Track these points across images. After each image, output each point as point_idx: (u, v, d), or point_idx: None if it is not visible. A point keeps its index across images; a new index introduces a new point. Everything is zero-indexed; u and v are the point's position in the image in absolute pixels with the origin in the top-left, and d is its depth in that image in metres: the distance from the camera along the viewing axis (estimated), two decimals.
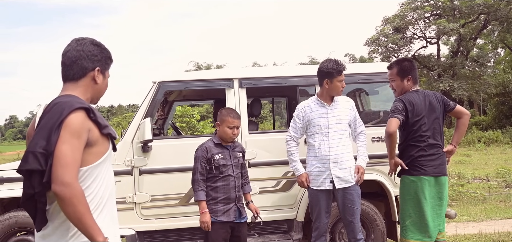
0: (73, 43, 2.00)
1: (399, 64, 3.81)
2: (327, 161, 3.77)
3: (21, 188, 1.84)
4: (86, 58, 1.97)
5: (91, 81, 2.00)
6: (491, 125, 28.43)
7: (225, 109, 3.60)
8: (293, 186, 4.38)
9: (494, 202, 7.99)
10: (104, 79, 2.06)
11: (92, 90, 2.02)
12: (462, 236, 5.64)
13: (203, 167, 3.45)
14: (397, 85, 3.81)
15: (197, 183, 3.45)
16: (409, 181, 3.65)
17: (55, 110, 1.80)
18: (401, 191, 3.75)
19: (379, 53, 30.35)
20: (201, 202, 3.43)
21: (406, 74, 3.75)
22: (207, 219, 3.39)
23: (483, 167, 13.25)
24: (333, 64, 3.80)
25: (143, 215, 4.19)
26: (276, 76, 4.63)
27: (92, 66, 1.98)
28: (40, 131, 1.78)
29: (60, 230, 1.87)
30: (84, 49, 1.97)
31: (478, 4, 26.50)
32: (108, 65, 2.08)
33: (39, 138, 1.76)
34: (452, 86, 26.75)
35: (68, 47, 1.99)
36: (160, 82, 4.25)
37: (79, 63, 1.96)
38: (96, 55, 2.00)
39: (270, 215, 4.37)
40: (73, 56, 1.96)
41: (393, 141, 3.61)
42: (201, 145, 3.55)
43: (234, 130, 3.50)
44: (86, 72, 1.98)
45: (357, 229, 3.81)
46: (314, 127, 3.83)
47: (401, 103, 3.62)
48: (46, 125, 1.78)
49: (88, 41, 2.01)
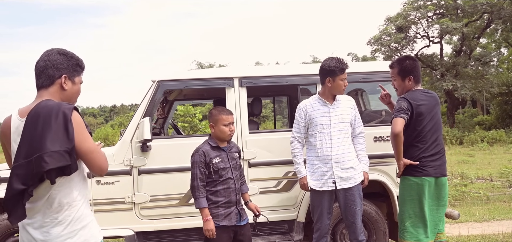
0: (43, 54, 2.20)
1: (400, 64, 3.74)
2: (329, 161, 3.72)
3: None
4: (52, 67, 2.15)
5: (60, 88, 2.17)
6: (495, 124, 28.32)
7: (215, 109, 3.48)
8: (294, 186, 4.33)
9: (498, 202, 7.92)
10: (73, 85, 2.23)
11: (61, 96, 2.18)
12: (466, 237, 5.58)
13: (202, 172, 3.32)
14: (399, 84, 3.75)
15: (198, 189, 3.31)
16: (411, 182, 3.59)
17: (52, 114, 1.98)
18: (402, 192, 3.69)
19: (381, 52, 30.28)
20: (203, 209, 3.30)
21: (408, 74, 3.68)
22: (211, 227, 3.25)
23: (486, 167, 13.17)
24: (335, 62, 3.74)
25: (142, 215, 4.14)
26: (277, 75, 4.57)
27: (58, 74, 2.16)
28: (52, 132, 1.95)
29: (68, 223, 2.09)
30: (50, 59, 2.17)
31: (482, 3, 26.39)
32: (76, 72, 2.24)
33: (53, 139, 1.95)
34: (455, 85, 26.66)
35: (39, 58, 2.19)
36: (160, 81, 4.20)
37: (46, 72, 2.15)
38: (62, 63, 2.18)
39: (270, 216, 4.31)
40: (41, 67, 2.16)
41: (399, 141, 3.54)
42: (198, 149, 3.41)
43: (230, 127, 3.41)
44: (54, 80, 2.16)
45: (358, 230, 3.76)
46: (315, 126, 3.77)
47: (406, 102, 3.55)
48: (54, 127, 1.97)
49: (55, 51, 2.20)
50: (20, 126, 2.06)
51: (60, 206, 2.07)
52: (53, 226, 2.06)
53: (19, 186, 1.95)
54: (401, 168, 3.63)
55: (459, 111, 37.13)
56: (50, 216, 2.07)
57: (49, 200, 2.06)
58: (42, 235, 2.06)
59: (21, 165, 1.97)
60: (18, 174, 1.96)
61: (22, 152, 1.99)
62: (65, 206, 2.08)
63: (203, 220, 3.30)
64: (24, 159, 1.97)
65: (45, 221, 2.06)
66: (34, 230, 2.07)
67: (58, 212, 2.07)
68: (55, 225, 2.07)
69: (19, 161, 1.98)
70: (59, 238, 2.06)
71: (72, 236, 2.09)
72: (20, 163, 1.97)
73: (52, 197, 2.06)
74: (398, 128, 3.48)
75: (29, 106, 2.10)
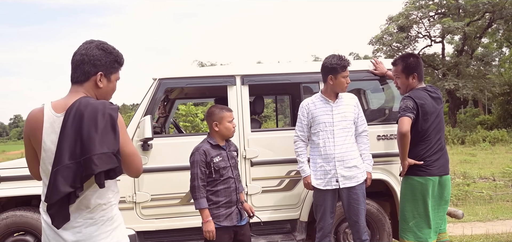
0: (81, 47, 2.08)
1: (404, 61, 3.69)
2: (332, 160, 3.68)
3: (19, 187, 1.93)
4: (88, 62, 2.04)
5: (94, 85, 2.07)
6: (496, 124, 28.30)
7: (216, 108, 3.41)
8: (297, 185, 4.28)
9: (501, 202, 7.88)
10: (109, 83, 2.12)
11: (95, 93, 2.09)
12: (469, 236, 5.53)
13: (202, 171, 3.25)
14: (402, 82, 3.71)
15: (198, 189, 3.24)
16: (414, 182, 3.54)
17: (98, 113, 1.92)
18: (404, 192, 3.64)
19: (383, 52, 30.24)
20: (203, 210, 3.24)
21: (412, 72, 3.64)
22: (212, 228, 3.20)
23: (489, 166, 13.13)
24: (337, 60, 3.70)
25: (143, 214, 4.10)
26: (279, 73, 4.51)
27: (94, 70, 2.06)
28: (100, 135, 1.90)
29: (100, 224, 2.05)
30: (87, 53, 2.05)
31: (483, 3, 26.35)
32: (114, 69, 2.13)
33: (101, 141, 1.90)
34: (457, 85, 26.61)
35: (77, 50, 2.08)
36: (161, 79, 4.16)
37: (82, 67, 2.05)
38: (99, 59, 2.06)
39: (273, 215, 4.28)
40: (77, 60, 2.05)
41: (406, 140, 3.48)
42: (197, 148, 3.32)
43: (233, 123, 3.39)
44: (89, 76, 2.05)
45: (362, 229, 3.72)
46: (318, 124, 3.73)
47: (411, 101, 3.50)
48: (102, 128, 1.91)
49: (94, 45, 2.08)
50: (57, 121, 1.96)
51: (95, 206, 2.02)
52: (87, 226, 2.01)
53: (66, 189, 1.88)
54: (405, 168, 3.58)
55: (461, 111, 37.09)
56: (84, 217, 2.01)
57: (84, 201, 2.01)
58: (73, 236, 2.00)
59: (67, 167, 1.89)
60: (65, 176, 1.89)
61: (66, 152, 1.90)
62: (101, 207, 2.04)
63: (203, 221, 3.25)
64: (71, 160, 1.89)
65: (77, 221, 2.00)
66: (64, 231, 2.00)
67: (93, 212, 2.02)
68: (89, 225, 2.02)
69: (64, 162, 1.89)
70: (93, 239, 2.02)
71: (106, 237, 2.05)
72: (66, 165, 1.89)
73: (87, 198, 2.01)
74: (405, 127, 3.43)
75: (65, 101, 2.01)
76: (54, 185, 1.89)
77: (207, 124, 3.43)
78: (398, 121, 3.51)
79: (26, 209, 3.97)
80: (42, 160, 2.01)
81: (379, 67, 4.40)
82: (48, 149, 1.97)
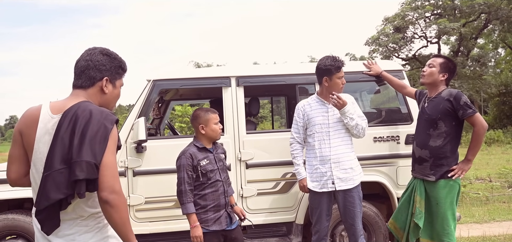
0: (85, 53, 2.06)
1: (447, 60, 3.69)
2: (328, 161, 3.64)
3: (11, 190, 1.87)
4: (93, 68, 2.02)
5: (99, 91, 2.05)
6: (492, 124, 28.35)
7: (200, 110, 3.38)
8: (292, 188, 4.24)
9: (497, 203, 7.87)
10: (114, 89, 2.09)
11: (100, 99, 2.06)
12: (466, 239, 5.51)
13: (189, 175, 3.21)
14: (432, 72, 3.64)
15: (185, 194, 3.20)
16: (456, 185, 3.54)
17: (93, 121, 1.85)
18: (446, 195, 3.52)
19: (379, 52, 30.22)
20: (191, 215, 3.20)
21: (446, 71, 3.63)
22: (199, 234, 3.16)
23: (485, 167, 13.15)
24: (331, 61, 3.66)
25: (137, 217, 4.05)
26: (275, 74, 4.47)
27: (100, 76, 2.03)
28: (88, 141, 1.82)
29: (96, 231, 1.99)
30: (92, 59, 2.03)
31: (479, 4, 26.37)
32: (118, 74, 2.11)
33: (88, 149, 1.81)
34: (453, 86, 26.64)
35: (80, 57, 2.05)
36: (155, 80, 4.12)
37: (87, 73, 2.02)
38: (104, 64, 2.04)
39: (268, 218, 4.24)
40: (82, 66, 2.02)
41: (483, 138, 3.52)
42: (184, 152, 3.29)
43: (219, 125, 3.37)
44: (94, 82, 2.03)
45: (358, 232, 3.68)
46: (314, 125, 3.70)
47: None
48: (94, 136, 1.83)
49: (98, 51, 2.06)
50: (51, 122, 1.92)
51: (89, 216, 1.98)
52: (81, 234, 1.96)
53: (57, 195, 1.83)
54: (469, 167, 3.55)
55: None
56: (79, 224, 1.96)
57: (78, 209, 1.95)
58: None
59: (59, 172, 1.84)
60: (57, 182, 1.83)
61: (58, 155, 1.85)
62: (95, 215, 1.99)
63: (190, 227, 3.21)
64: (62, 165, 1.84)
65: (71, 228, 1.95)
66: (57, 238, 1.94)
67: (87, 220, 1.98)
68: (83, 233, 1.97)
69: (56, 167, 1.84)
70: None
71: None
72: (58, 169, 1.83)
73: (80, 207, 1.96)
74: (485, 122, 3.48)
75: (63, 103, 1.96)
76: (44, 190, 1.84)
77: (193, 127, 3.41)
78: (474, 117, 3.45)
79: (18, 213, 3.92)
80: (33, 162, 1.96)
81: (373, 68, 4.38)
82: (40, 151, 1.92)
